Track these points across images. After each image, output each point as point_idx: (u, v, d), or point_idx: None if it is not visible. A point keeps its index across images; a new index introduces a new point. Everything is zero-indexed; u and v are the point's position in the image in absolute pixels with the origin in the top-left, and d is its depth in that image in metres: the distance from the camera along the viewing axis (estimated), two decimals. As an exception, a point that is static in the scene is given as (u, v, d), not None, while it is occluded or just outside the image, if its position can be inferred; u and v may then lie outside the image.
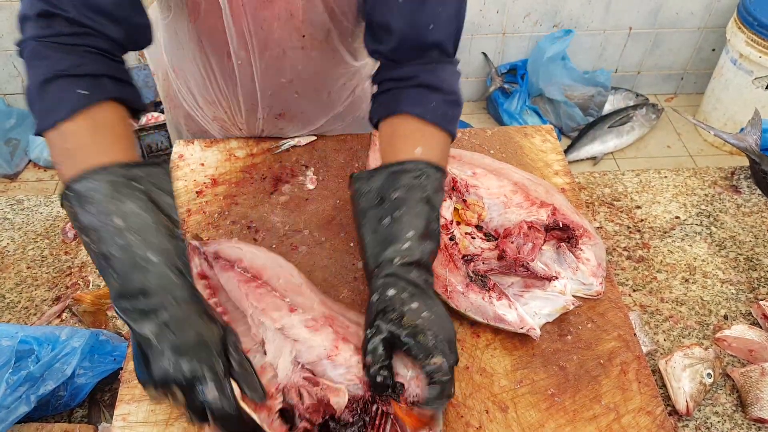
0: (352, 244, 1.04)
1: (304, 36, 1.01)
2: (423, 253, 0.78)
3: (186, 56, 1.12)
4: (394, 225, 0.79)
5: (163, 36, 1.15)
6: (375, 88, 0.97)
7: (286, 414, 0.74)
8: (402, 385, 0.74)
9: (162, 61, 1.23)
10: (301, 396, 0.75)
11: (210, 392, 0.64)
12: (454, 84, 0.93)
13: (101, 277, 1.33)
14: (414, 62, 0.91)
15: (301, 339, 0.80)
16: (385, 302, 0.75)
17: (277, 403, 0.73)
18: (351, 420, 0.74)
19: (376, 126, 0.96)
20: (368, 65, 1.21)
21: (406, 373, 0.75)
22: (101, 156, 0.71)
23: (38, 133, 0.75)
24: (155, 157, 0.77)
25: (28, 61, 0.77)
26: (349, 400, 0.75)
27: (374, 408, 0.75)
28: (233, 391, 0.66)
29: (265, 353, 0.80)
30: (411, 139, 0.88)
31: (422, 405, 0.72)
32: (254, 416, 0.68)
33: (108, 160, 0.71)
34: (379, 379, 0.73)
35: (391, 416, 0.73)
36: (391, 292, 0.75)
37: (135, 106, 0.82)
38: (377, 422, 0.74)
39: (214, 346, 0.67)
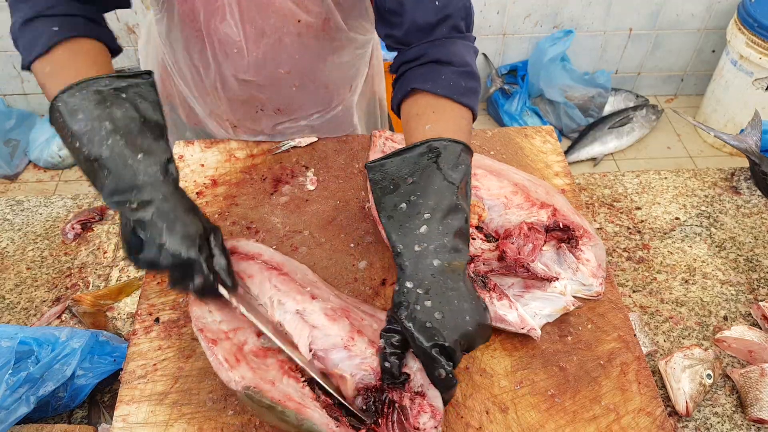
0: (352, 245, 1.04)
1: (299, 21, 1.00)
2: (444, 234, 0.75)
3: (179, 48, 1.12)
4: (411, 209, 0.77)
5: (158, 30, 1.15)
6: (392, 78, 0.97)
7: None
8: (408, 375, 0.75)
9: (159, 58, 1.23)
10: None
11: (196, 277, 0.76)
12: (467, 56, 0.91)
13: (101, 278, 1.33)
14: (423, 42, 0.91)
15: (319, 325, 0.83)
16: (400, 296, 0.74)
17: (303, 380, 0.79)
18: (364, 407, 0.76)
19: (398, 114, 0.95)
20: (365, 59, 1.20)
21: (413, 365, 0.76)
22: (83, 74, 0.78)
23: (24, 68, 0.84)
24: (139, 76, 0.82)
25: (12, 4, 0.86)
26: (362, 388, 0.77)
27: (384, 396, 0.76)
28: (214, 275, 0.77)
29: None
30: (423, 117, 0.86)
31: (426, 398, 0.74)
32: (227, 296, 0.80)
33: (90, 75, 0.77)
34: (387, 365, 0.74)
35: (397, 404, 0.74)
36: (408, 285, 0.74)
37: (109, 46, 0.90)
38: (386, 410, 0.75)
39: (198, 237, 0.76)
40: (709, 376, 1.09)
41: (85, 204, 1.48)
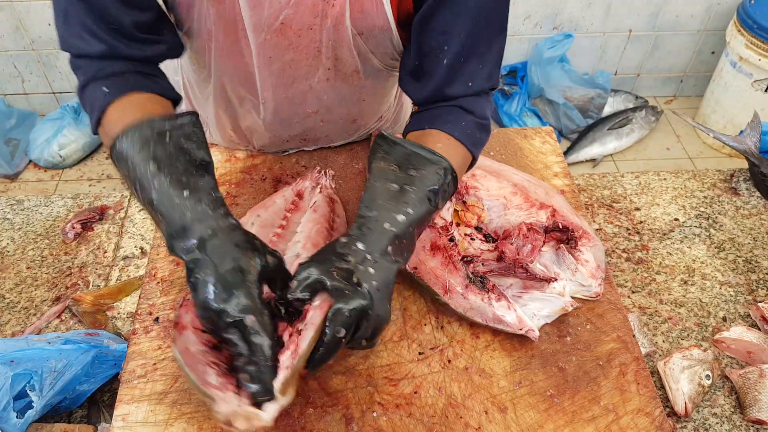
0: (351, 245, 1.04)
1: (329, 69, 1.00)
2: (411, 237, 0.77)
3: (205, 98, 1.12)
4: (401, 195, 0.78)
5: (188, 74, 1.14)
6: (415, 108, 0.98)
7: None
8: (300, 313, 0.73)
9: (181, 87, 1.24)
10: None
11: (248, 322, 0.66)
12: (487, 110, 0.94)
13: (101, 277, 1.33)
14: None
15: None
16: (345, 248, 0.73)
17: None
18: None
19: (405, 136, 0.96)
20: (393, 91, 1.19)
21: (316, 302, 0.73)
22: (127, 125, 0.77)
23: (95, 133, 0.84)
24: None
25: (73, 71, 0.87)
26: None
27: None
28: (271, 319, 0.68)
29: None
30: (435, 141, 0.88)
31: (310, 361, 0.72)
32: (195, 381, 0.69)
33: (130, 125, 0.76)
34: (289, 296, 0.73)
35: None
36: (360, 246, 0.73)
37: (166, 96, 0.88)
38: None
39: (251, 275, 0.69)
40: (707, 376, 1.09)
41: (85, 204, 1.48)
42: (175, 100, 0.91)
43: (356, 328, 0.71)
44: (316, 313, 0.72)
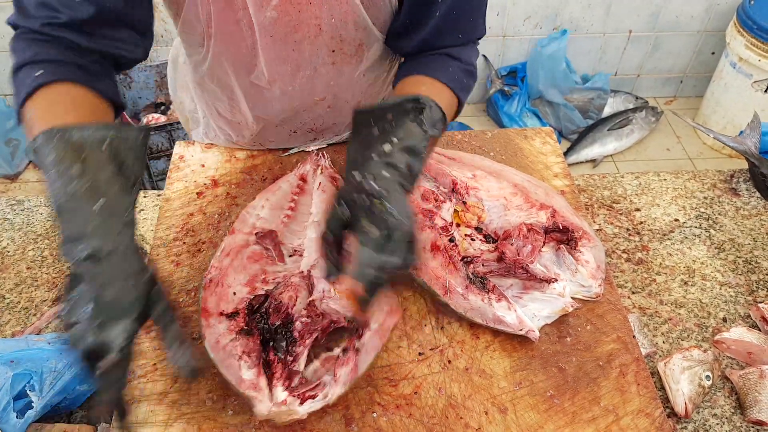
0: (351, 246, 1.04)
1: (333, 51, 1.01)
2: (402, 159, 0.77)
3: (209, 88, 1.12)
4: (381, 134, 0.79)
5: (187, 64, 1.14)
6: (401, 60, 1.02)
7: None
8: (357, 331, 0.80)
9: (184, 81, 1.23)
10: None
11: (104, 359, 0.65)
12: (473, 56, 0.99)
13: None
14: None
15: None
16: (365, 187, 0.75)
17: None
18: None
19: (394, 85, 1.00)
20: (394, 67, 1.20)
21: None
22: (60, 118, 0.72)
23: (18, 120, 0.79)
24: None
25: (10, 51, 0.82)
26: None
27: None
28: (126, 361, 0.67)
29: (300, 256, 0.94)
30: (420, 86, 0.91)
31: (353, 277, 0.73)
32: (231, 381, 0.76)
33: (62, 123, 0.70)
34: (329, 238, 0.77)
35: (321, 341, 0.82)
36: (355, 174, 0.75)
37: (110, 99, 0.83)
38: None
39: (131, 311, 0.67)
40: (708, 377, 1.09)
41: (85, 204, 1.48)
42: (116, 104, 0.86)
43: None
44: (375, 338, 0.79)
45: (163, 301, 0.71)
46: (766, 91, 2.66)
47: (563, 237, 0.99)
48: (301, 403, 0.75)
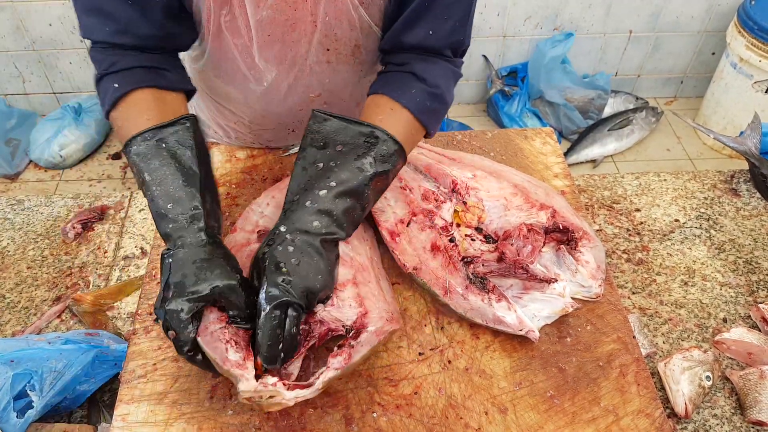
0: (352, 246, 1.04)
1: (328, 50, 1.01)
2: (335, 206, 0.81)
3: (207, 85, 1.13)
4: (323, 172, 0.82)
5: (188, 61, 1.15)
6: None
7: None
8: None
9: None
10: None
11: (169, 334, 0.74)
12: (441, 78, 0.94)
13: (101, 277, 1.33)
14: (412, 52, 0.95)
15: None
16: (271, 235, 0.80)
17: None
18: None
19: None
20: None
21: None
22: (133, 130, 0.84)
23: (107, 120, 0.91)
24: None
25: (91, 61, 0.93)
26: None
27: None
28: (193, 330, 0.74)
29: None
30: (379, 110, 0.91)
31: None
32: (217, 360, 0.74)
33: (135, 131, 0.83)
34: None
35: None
36: (281, 228, 0.80)
37: (180, 88, 0.94)
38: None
39: (189, 288, 0.74)
40: (708, 377, 1.09)
41: (85, 204, 1.48)
42: (187, 90, 0.95)
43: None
44: (372, 336, 0.81)
45: (238, 281, 0.78)
46: (766, 92, 2.66)
47: (563, 237, 0.99)
48: (290, 390, 0.74)
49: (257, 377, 0.74)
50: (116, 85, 0.88)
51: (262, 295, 0.75)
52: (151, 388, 0.85)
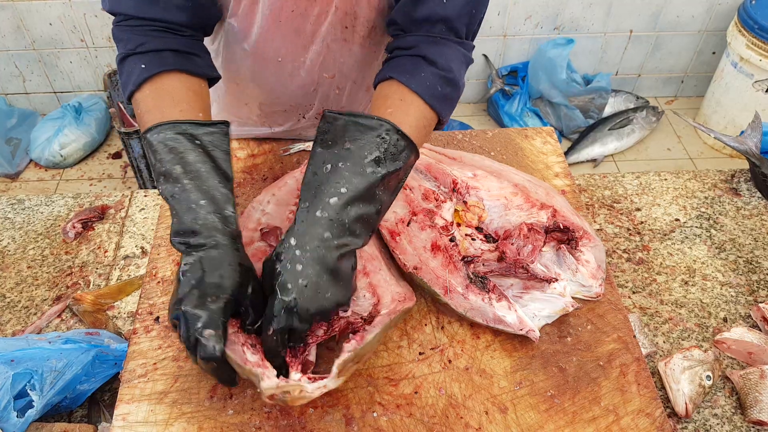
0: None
1: (346, 27, 1.01)
2: (346, 214, 0.77)
3: (218, 62, 1.12)
4: (332, 175, 0.78)
5: None
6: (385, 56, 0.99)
7: None
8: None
9: None
10: None
11: (206, 333, 0.70)
12: (454, 62, 0.91)
13: (102, 277, 1.33)
14: (420, 33, 0.91)
15: None
16: (280, 247, 0.77)
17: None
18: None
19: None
20: None
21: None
22: (167, 114, 0.83)
23: (127, 101, 0.90)
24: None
25: (114, 40, 0.91)
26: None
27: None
28: (224, 337, 0.72)
29: None
30: (389, 100, 0.88)
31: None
32: (237, 361, 0.74)
33: (167, 119, 0.82)
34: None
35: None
36: (291, 241, 0.76)
37: (205, 75, 0.93)
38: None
39: (229, 290, 0.74)
40: (708, 377, 1.09)
41: (86, 203, 1.48)
42: (211, 78, 0.95)
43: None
44: (384, 317, 0.81)
45: (253, 284, 0.78)
46: (767, 91, 2.66)
47: (564, 237, 0.99)
48: (311, 382, 0.74)
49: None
50: (143, 66, 0.86)
51: (267, 311, 0.75)
52: (151, 388, 0.85)
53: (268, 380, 0.72)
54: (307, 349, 0.81)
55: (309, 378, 0.75)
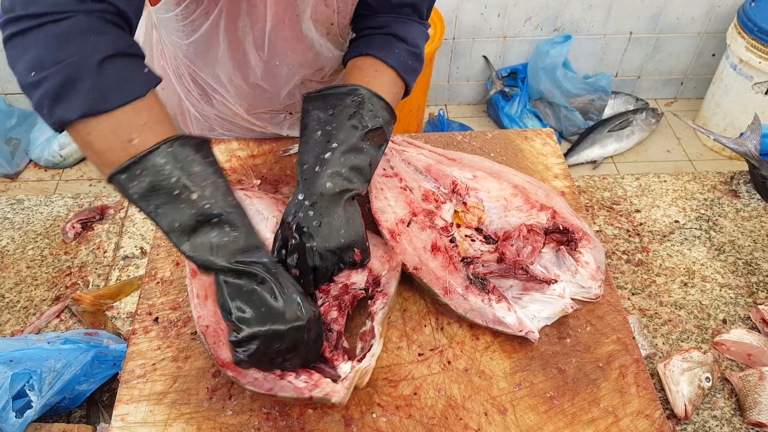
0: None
1: (332, 24, 1.05)
2: (342, 165, 0.85)
3: (204, 62, 1.11)
4: (323, 137, 0.88)
5: (175, 37, 1.11)
6: (353, 35, 1.07)
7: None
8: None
9: (162, 64, 1.21)
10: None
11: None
12: (420, 39, 1.02)
13: (101, 277, 1.33)
14: (388, 15, 1.01)
15: None
16: (291, 205, 0.85)
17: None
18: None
19: (344, 66, 1.04)
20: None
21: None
22: (170, 131, 0.73)
23: (99, 111, 0.68)
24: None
25: (82, 34, 0.69)
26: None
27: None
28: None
29: None
30: (364, 72, 0.96)
31: None
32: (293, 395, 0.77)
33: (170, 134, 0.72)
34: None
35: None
36: (300, 197, 0.84)
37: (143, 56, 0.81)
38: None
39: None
40: (707, 379, 1.09)
41: (85, 203, 1.48)
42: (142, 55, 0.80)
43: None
44: (389, 275, 0.90)
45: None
46: (766, 93, 2.66)
47: (563, 238, 0.99)
48: (360, 360, 0.81)
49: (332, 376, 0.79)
50: (146, 70, 0.73)
51: (289, 261, 0.82)
52: (150, 388, 0.85)
53: (338, 395, 0.77)
54: (340, 334, 0.85)
55: (357, 361, 0.81)
